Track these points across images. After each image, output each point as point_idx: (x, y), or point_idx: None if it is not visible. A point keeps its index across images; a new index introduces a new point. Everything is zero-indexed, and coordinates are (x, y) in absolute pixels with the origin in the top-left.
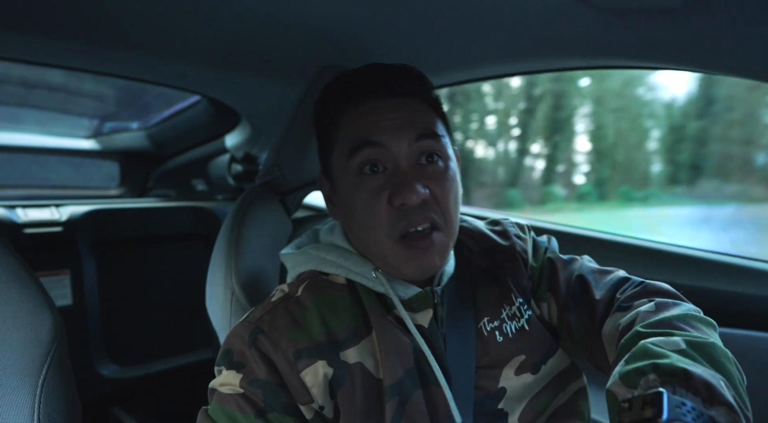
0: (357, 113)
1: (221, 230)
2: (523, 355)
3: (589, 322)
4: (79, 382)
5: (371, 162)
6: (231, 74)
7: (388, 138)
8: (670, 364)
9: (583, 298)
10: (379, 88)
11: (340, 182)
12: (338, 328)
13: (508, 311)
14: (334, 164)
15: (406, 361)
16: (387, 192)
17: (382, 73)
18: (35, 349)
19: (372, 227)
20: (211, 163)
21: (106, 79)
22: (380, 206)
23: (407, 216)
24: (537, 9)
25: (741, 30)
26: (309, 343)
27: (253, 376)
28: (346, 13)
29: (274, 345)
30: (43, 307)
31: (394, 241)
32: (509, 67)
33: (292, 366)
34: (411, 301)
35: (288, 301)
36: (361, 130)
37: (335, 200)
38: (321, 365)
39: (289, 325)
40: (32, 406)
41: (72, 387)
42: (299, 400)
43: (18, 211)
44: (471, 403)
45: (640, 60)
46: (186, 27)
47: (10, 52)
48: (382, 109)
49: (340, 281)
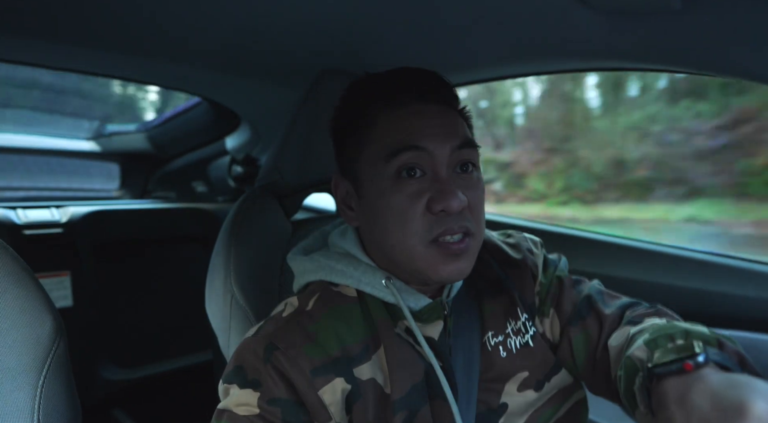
0: (398, 115)
1: (220, 232)
2: (527, 371)
3: (596, 335)
4: (79, 384)
5: (410, 166)
6: (231, 76)
7: (432, 143)
8: (702, 332)
9: (590, 313)
10: (422, 92)
11: (370, 185)
12: (351, 342)
13: (513, 326)
14: (362, 166)
15: (414, 375)
16: (426, 197)
17: (421, 77)
18: (35, 351)
19: (405, 231)
20: (211, 165)
21: (106, 80)
22: (417, 211)
23: (444, 223)
24: (535, 11)
25: (741, 32)
26: (325, 359)
27: (271, 395)
28: (347, 16)
29: (291, 362)
30: (42, 308)
31: (425, 246)
32: (507, 70)
33: (310, 384)
34: (421, 313)
35: (300, 316)
36: (404, 133)
37: (354, 204)
38: (339, 382)
39: (304, 341)
40: (32, 407)
41: (72, 388)
42: (317, 418)
43: (18, 212)
44: (473, 417)
45: (641, 62)
46: (187, 29)
47: (11, 54)
48: (426, 113)
49: (350, 293)
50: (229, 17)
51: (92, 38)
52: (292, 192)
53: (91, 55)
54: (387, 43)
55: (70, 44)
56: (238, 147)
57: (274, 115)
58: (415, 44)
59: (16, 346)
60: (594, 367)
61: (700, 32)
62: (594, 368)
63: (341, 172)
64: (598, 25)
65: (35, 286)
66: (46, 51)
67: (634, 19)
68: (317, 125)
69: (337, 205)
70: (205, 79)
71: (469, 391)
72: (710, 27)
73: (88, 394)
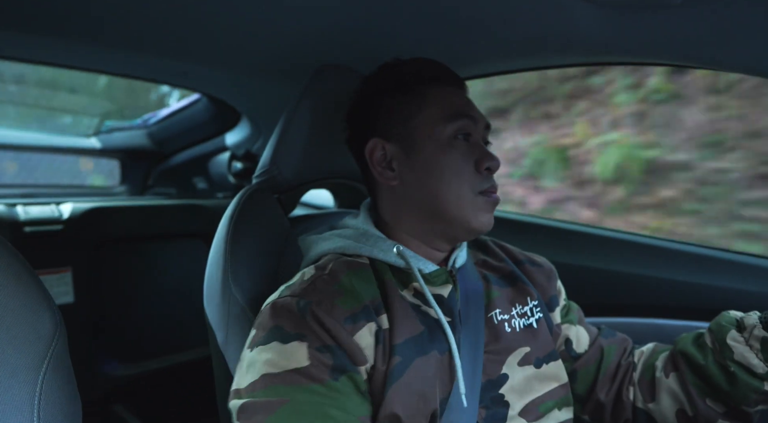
0: (447, 91)
1: (218, 229)
2: (528, 347)
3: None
4: (80, 379)
5: (465, 130)
6: (231, 72)
7: (477, 116)
8: None
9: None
10: (453, 78)
11: (427, 143)
12: (370, 298)
13: (519, 310)
14: (416, 128)
15: (413, 330)
16: (473, 158)
17: (446, 67)
18: (34, 346)
19: (461, 182)
20: (211, 161)
21: (106, 77)
22: (469, 167)
23: (489, 181)
24: (536, 5)
25: (743, 26)
26: (355, 308)
27: (319, 342)
28: (348, 11)
29: (326, 313)
30: (41, 304)
31: (475, 195)
32: (508, 65)
33: (346, 331)
34: (431, 276)
35: (322, 277)
36: (458, 104)
37: (397, 164)
38: (371, 326)
39: (333, 295)
40: (32, 403)
41: (72, 384)
42: (357, 362)
43: (19, 208)
44: (479, 383)
45: (644, 56)
46: (187, 26)
47: (12, 50)
48: (464, 95)
49: (362, 261)
50: (229, 13)
51: (93, 35)
52: (290, 188)
53: (92, 52)
54: (388, 38)
55: (70, 41)
56: (238, 143)
57: (274, 111)
58: (416, 39)
59: (15, 342)
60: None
61: (701, 27)
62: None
63: (382, 135)
64: (601, 20)
65: (34, 281)
66: (48, 48)
67: (636, 14)
68: (317, 120)
69: (372, 168)
70: (205, 75)
71: (475, 357)
72: (711, 21)
73: (89, 390)
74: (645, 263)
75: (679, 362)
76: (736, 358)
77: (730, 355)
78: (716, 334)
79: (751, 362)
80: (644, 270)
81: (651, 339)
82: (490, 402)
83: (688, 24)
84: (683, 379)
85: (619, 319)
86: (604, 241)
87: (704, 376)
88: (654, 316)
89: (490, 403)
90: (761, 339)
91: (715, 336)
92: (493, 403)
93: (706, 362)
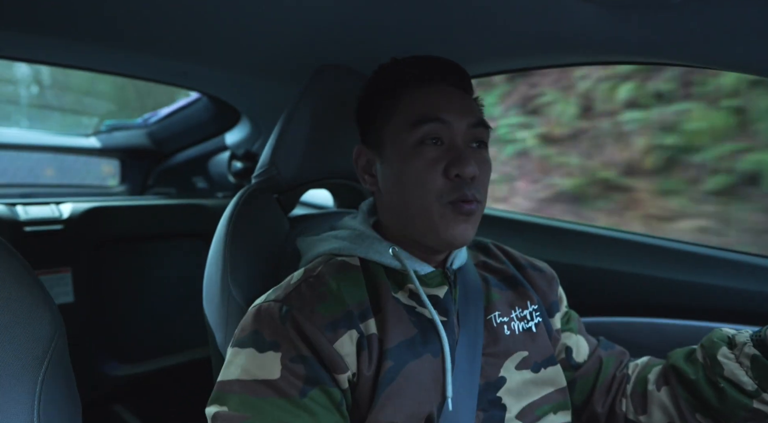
0: (424, 92)
1: (217, 229)
2: (526, 351)
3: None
4: (80, 379)
5: (433, 135)
6: (231, 72)
7: (452, 117)
8: None
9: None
10: (445, 76)
11: (393, 151)
12: (357, 301)
13: (519, 313)
14: (387, 135)
15: (406, 333)
16: (443, 163)
17: (445, 63)
18: (34, 346)
19: (424, 191)
20: (211, 161)
21: (106, 76)
22: (435, 174)
23: (459, 188)
24: (536, 4)
25: (743, 25)
26: (337, 314)
27: (293, 353)
28: (346, 12)
29: (307, 320)
30: (41, 304)
31: (443, 205)
32: (508, 64)
33: (327, 339)
34: (426, 277)
35: (309, 280)
36: (429, 107)
37: (375, 170)
38: (352, 334)
39: (316, 300)
40: (32, 403)
41: (72, 384)
42: (336, 370)
43: (19, 208)
44: (476, 385)
45: (644, 55)
46: (187, 25)
47: (12, 50)
48: (448, 93)
49: (354, 262)
50: (229, 13)
51: (93, 35)
52: (289, 187)
53: (92, 52)
54: (388, 37)
55: (70, 41)
56: (238, 143)
57: (274, 111)
58: (416, 38)
59: (14, 342)
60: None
61: (700, 26)
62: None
63: (365, 142)
64: (601, 19)
65: (33, 281)
66: (48, 48)
67: (636, 13)
68: (316, 120)
69: (358, 174)
70: (205, 75)
71: (473, 359)
72: (710, 20)
73: (89, 390)
74: (645, 263)
75: (670, 376)
76: (726, 375)
77: (721, 371)
78: (707, 350)
79: (740, 379)
80: (644, 270)
81: (650, 338)
82: (487, 404)
83: (687, 23)
84: (674, 394)
85: (619, 318)
86: (604, 241)
87: (694, 392)
88: (653, 316)
89: (488, 405)
90: (751, 357)
91: (707, 352)
92: (490, 405)
93: (697, 378)
